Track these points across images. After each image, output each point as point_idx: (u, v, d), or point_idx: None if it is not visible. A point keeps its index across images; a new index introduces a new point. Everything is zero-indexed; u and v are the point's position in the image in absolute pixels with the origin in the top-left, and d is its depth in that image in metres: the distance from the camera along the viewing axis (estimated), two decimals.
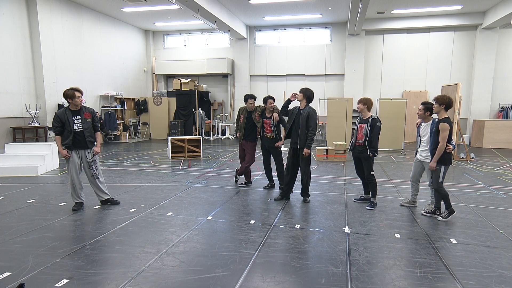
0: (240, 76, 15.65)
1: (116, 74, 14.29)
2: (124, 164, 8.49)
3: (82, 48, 12.30)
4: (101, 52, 13.31)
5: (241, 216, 4.67)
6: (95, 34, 12.91)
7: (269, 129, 5.96)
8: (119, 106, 13.92)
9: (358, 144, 5.17)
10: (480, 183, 6.75)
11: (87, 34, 12.49)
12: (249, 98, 6.01)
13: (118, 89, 14.26)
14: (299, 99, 5.32)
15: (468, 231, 4.17)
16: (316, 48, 14.95)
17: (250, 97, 6.02)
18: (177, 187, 6.23)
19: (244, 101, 6.10)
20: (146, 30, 16.23)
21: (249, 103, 6.01)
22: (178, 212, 4.80)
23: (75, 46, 11.96)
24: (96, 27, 12.95)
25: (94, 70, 12.92)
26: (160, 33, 16.51)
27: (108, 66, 13.75)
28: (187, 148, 9.56)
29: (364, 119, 5.12)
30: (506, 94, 13.37)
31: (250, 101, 6.00)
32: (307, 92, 5.28)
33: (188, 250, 3.56)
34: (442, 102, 4.45)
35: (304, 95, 5.26)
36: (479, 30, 13.09)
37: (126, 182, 6.59)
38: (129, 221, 4.43)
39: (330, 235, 4.03)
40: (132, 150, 11.17)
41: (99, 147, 5.01)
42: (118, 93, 13.89)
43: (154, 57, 16.61)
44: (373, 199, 5.13)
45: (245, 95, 6.13)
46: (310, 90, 5.33)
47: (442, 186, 4.50)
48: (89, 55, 12.66)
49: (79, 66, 12.17)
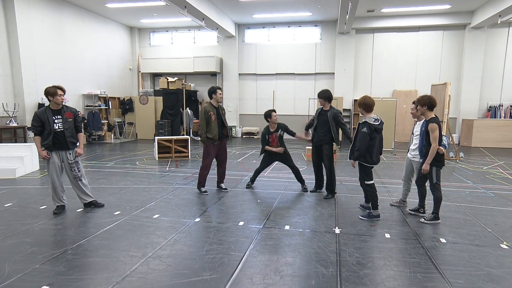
0: (228, 75, 15.62)
1: (100, 72, 14.08)
2: (109, 165, 8.39)
3: (64, 45, 12.08)
4: (84, 49, 13.10)
5: (229, 218, 4.66)
6: (77, 31, 12.69)
7: (275, 143, 6.11)
8: (103, 105, 13.74)
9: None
10: (469, 182, 6.89)
11: (69, 31, 12.27)
12: (218, 89, 5.81)
13: (102, 88, 14.05)
14: (321, 104, 5.70)
15: (457, 230, 4.26)
16: (306, 46, 15.03)
17: (219, 88, 5.88)
18: (164, 189, 6.18)
19: (212, 94, 5.81)
20: (131, 27, 16.05)
21: (218, 94, 5.80)
22: (165, 214, 4.77)
23: (56, 43, 11.74)
24: (78, 23, 12.73)
25: (76, 68, 12.70)
26: (146, 30, 16.35)
27: (92, 64, 13.53)
28: (174, 148, 9.50)
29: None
30: (494, 93, 13.71)
31: (220, 91, 5.85)
32: (325, 94, 5.59)
33: (175, 253, 3.54)
34: (423, 103, 4.46)
35: (325, 99, 5.59)
36: (468, 29, 13.38)
37: (111, 184, 6.51)
38: (113, 224, 4.37)
39: (320, 236, 4.05)
40: (117, 151, 11.05)
41: (81, 148, 4.93)
42: (102, 92, 13.70)
43: (140, 55, 16.44)
44: (373, 211, 4.72)
45: (211, 87, 5.85)
46: (325, 90, 5.64)
47: (439, 188, 4.49)
48: (71, 52, 12.44)
49: (61, 64, 11.95)
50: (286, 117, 15.08)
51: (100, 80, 14.07)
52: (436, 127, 4.33)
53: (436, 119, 4.41)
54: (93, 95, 13.37)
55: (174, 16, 13.56)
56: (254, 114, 16.07)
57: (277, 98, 15.13)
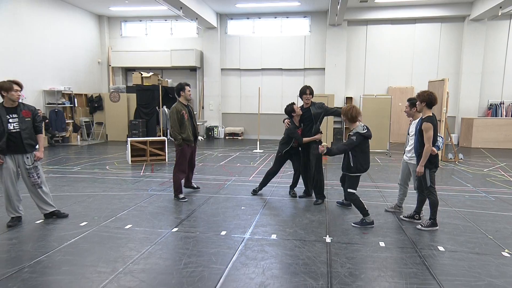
0: (210, 70, 15.58)
1: (64, 66, 13.81)
2: (74, 171, 8.24)
3: (20, 35, 11.74)
4: (45, 39, 12.80)
5: (211, 227, 4.64)
6: (36, 19, 12.38)
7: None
8: (67, 103, 13.49)
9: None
10: (468, 186, 7.06)
11: (26, 18, 11.94)
12: (186, 85, 5.92)
13: (67, 83, 13.78)
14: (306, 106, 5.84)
15: (456, 238, 4.35)
16: (294, 39, 15.15)
17: (187, 84, 5.96)
18: (138, 196, 6.11)
19: (180, 91, 5.92)
20: (99, 15, 15.82)
21: (187, 91, 5.93)
22: (138, 224, 4.70)
23: (10, 32, 11.37)
24: (37, 10, 12.41)
25: (35, 60, 12.39)
26: (116, 19, 16.15)
27: (54, 56, 13.26)
28: (149, 151, 9.41)
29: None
30: (495, 90, 14.10)
31: (188, 88, 5.96)
32: (300, 90, 5.85)
33: (150, 268, 3.49)
34: (422, 99, 4.54)
35: (299, 94, 5.89)
36: (467, 21, 13.74)
37: (77, 191, 6.39)
38: (79, 236, 4.28)
39: (309, 245, 4.07)
40: (84, 154, 10.88)
41: (41, 151, 4.81)
42: (67, 88, 13.45)
43: (110, 46, 16.22)
44: (366, 218, 4.76)
45: (178, 84, 5.96)
46: (301, 88, 5.84)
47: (434, 192, 4.57)
48: (29, 43, 12.12)
49: (16, 56, 11.58)
50: (273, 116, 15.16)
51: (64, 74, 13.80)
52: (431, 126, 4.42)
53: (432, 118, 4.50)
54: (56, 92, 13.09)
55: (148, 3, 13.43)
56: (238, 113, 16.07)
57: (263, 96, 15.14)
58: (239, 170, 8.48)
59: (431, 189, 4.55)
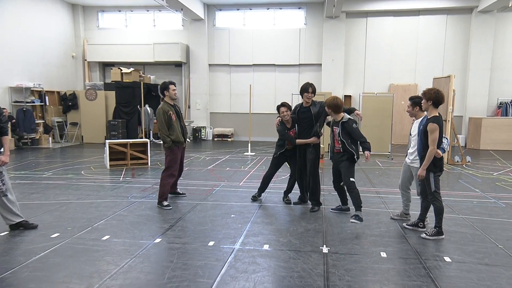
0: (196, 66, 15.57)
1: (33, 60, 13.69)
2: (45, 176, 8.16)
3: None
4: (11, 31, 12.67)
5: (197, 237, 4.63)
6: (1, 7, 12.24)
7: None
8: (38, 101, 13.40)
9: (336, 151, 5.35)
10: (477, 191, 7.14)
11: None
12: (170, 84, 5.98)
13: (37, 80, 13.65)
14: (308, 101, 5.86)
15: (464, 247, 4.39)
16: (288, 33, 15.22)
17: (171, 83, 6.00)
18: (117, 204, 6.07)
19: (164, 91, 5.99)
20: (73, 4, 15.73)
21: (172, 90, 5.96)
22: (117, 235, 4.67)
23: None
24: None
25: (0, 54, 12.26)
26: (92, 9, 16.07)
27: (22, 49, 13.14)
28: (130, 154, 9.37)
29: (336, 121, 5.33)
30: (505, 87, 14.30)
31: (173, 87, 6.00)
32: (302, 87, 5.90)
33: (129, 283, 3.46)
34: (428, 97, 4.56)
35: (300, 92, 5.92)
36: (475, 13, 13.92)
37: (48, 200, 6.33)
38: (49, 250, 4.23)
39: (305, 256, 4.08)
40: (57, 158, 10.80)
41: (7, 155, 4.74)
42: (37, 85, 13.34)
43: (86, 39, 16.12)
44: (358, 212, 5.06)
45: (162, 83, 6.04)
46: (303, 85, 5.88)
47: (438, 197, 4.61)
48: None
49: None
50: (266, 116, 15.18)
51: (34, 69, 13.68)
52: (437, 127, 4.45)
53: (438, 119, 4.53)
54: (24, 89, 12.97)
55: None
56: (227, 112, 16.08)
57: (255, 94, 15.16)
58: (229, 175, 8.47)
59: (436, 194, 4.59)
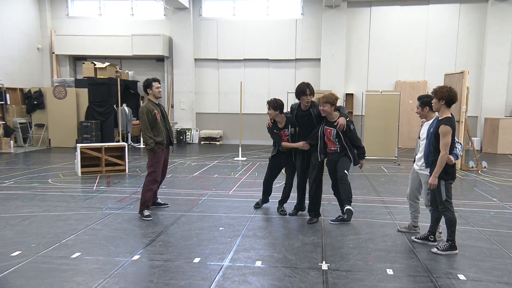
0: (181, 60, 15.55)
1: None
2: (6, 185, 8.10)
3: None
4: None
5: (181, 253, 4.60)
6: None
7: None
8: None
9: (331, 152, 5.58)
10: (494, 200, 7.19)
11: None
12: (154, 81, 6.01)
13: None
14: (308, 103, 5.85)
15: (480, 263, 4.40)
16: (283, 24, 15.26)
17: (154, 80, 6.04)
18: (89, 216, 6.03)
19: (147, 88, 6.03)
20: None
21: (155, 87, 6.00)
22: (89, 252, 4.63)
23: None
24: None
25: None
26: None
27: None
28: (105, 159, 9.32)
29: (331, 121, 5.50)
30: None
31: (157, 84, 6.03)
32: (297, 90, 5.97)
33: None
34: (440, 96, 4.54)
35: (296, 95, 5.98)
36: (491, 1, 13.98)
37: (8, 212, 6.26)
38: (9, 270, 4.17)
39: (302, 274, 4.07)
40: (20, 164, 10.74)
41: None
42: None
43: (53, 29, 16.03)
44: (348, 206, 5.33)
45: (145, 80, 6.07)
46: (299, 87, 5.90)
47: (450, 207, 4.61)
48: None
49: None
50: (258, 117, 15.16)
51: None
52: (450, 130, 4.45)
53: (451, 121, 4.53)
54: None
55: None
56: (215, 113, 16.06)
57: (247, 92, 15.19)
58: (217, 183, 8.46)
59: (447, 204, 4.58)
